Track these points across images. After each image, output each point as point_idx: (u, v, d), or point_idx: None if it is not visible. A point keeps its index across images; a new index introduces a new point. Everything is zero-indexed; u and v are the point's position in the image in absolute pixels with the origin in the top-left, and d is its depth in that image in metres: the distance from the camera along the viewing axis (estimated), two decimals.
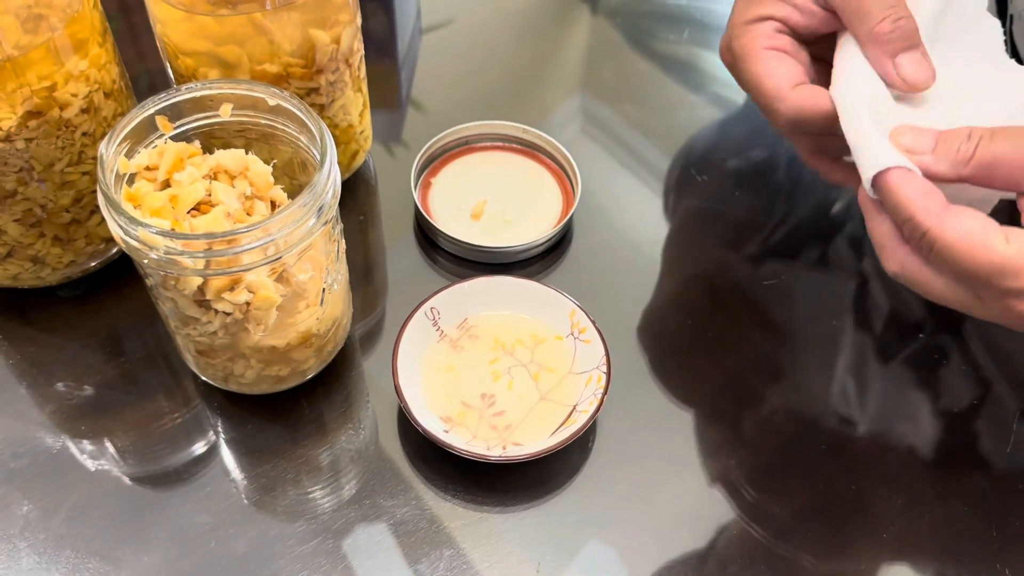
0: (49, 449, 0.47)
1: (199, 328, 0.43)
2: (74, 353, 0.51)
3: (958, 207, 0.37)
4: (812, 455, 0.49)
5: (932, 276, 0.39)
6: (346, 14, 0.50)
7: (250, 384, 0.47)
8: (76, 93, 0.45)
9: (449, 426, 0.47)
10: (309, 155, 0.45)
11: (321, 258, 0.44)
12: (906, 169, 0.38)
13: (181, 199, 0.42)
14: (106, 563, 0.44)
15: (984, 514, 0.47)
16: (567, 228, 0.58)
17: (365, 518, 0.46)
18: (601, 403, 0.47)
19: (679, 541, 0.45)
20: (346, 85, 0.53)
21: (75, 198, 0.49)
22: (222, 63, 0.48)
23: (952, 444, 0.50)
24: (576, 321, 0.50)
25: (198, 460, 0.48)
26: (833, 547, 0.46)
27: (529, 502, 0.46)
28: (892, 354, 0.53)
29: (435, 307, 0.50)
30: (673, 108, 0.68)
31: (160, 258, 0.39)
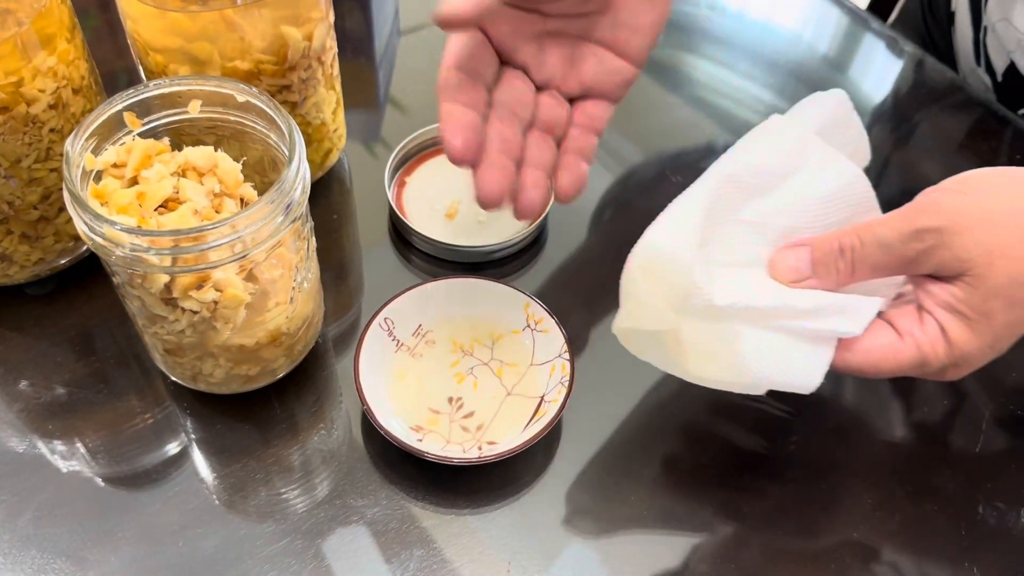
0: (15, 448, 0.47)
1: (166, 327, 0.43)
2: (43, 352, 0.51)
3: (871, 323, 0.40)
4: (783, 454, 0.49)
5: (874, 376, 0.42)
6: (318, 11, 0.50)
7: (219, 383, 0.47)
8: (43, 89, 0.45)
9: (421, 434, 0.47)
10: (279, 153, 0.44)
11: (290, 256, 0.44)
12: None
13: (148, 196, 0.41)
14: (73, 563, 0.43)
15: (953, 513, 0.47)
16: (542, 228, 0.58)
17: (335, 518, 0.45)
18: (570, 390, 0.47)
19: (649, 538, 0.45)
20: (319, 83, 0.53)
21: (43, 195, 0.48)
22: (193, 60, 0.48)
23: (922, 444, 0.50)
24: (531, 313, 0.50)
25: (167, 460, 0.47)
26: (804, 545, 0.46)
27: (499, 501, 0.46)
28: None
29: (388, 318, 0.50)
30: (649, 109, 0.68)
31: (126, 255, 0.38)
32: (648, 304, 0.41)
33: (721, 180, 0.43)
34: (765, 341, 0.40)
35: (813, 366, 0.40)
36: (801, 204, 0.43)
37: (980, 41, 0.71)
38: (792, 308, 0.40)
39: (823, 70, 0.74)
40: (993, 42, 0.70)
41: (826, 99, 0.46)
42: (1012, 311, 0.38)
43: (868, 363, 0.40)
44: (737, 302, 0.40)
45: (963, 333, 0.39)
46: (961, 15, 0.74)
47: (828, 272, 0.41)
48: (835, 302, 0.40)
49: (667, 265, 0.40)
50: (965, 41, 0.74)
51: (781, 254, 0.42)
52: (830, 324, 0.40)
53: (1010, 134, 0.67)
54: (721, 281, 0.40)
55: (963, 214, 0.38)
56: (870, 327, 0.40)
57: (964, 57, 0.75)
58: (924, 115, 0.70)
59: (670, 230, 0.41)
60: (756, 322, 0.40)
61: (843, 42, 0.77)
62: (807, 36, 0.78)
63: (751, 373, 0.40)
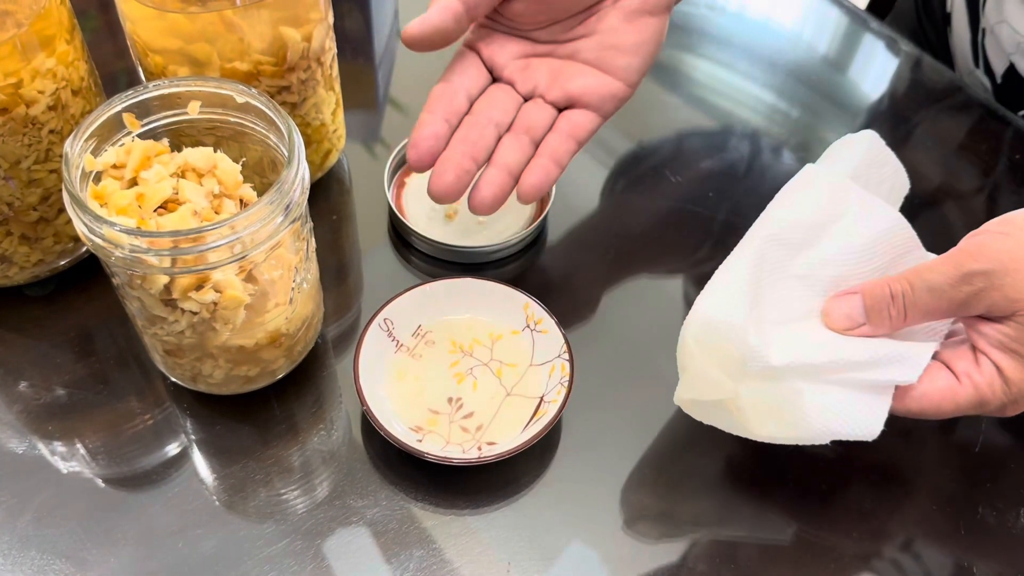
0: (15, 450, 0.47)
1: (166, 328, 0.43)
2: (43, 353, 0.51)
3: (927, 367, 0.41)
4: (782, 454, 0.49)
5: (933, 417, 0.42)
6: (317, 12, 0.50)
7: (219, 384, 0.47)
8: (43, 90, 0.45)
9: (421, 435, 0.47)
10: (278, 153, 0.44)
11: (290, 257, 0.44)
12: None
13: (148, 197, 0.41)
14: (72, 564, 0.43)
15: (953, 513, 0.47)
16: (541, 228, 0.58)
17: (335, 519, 0.45)
18: (569, 390, 0.47)
19: (648, 539, 0.46)
20: (318, 83, 0.53)
21: (43, 196, 0.48)
22: (192, 61, 0.48)
23: (921, 443, 0.50)
24: (531, 313, 0.50)
25: (167, 461, 0.47)
26: (802, 545, 0.46)
27: (499, 501, 0.46)
28: None
29: (388, 318, 0.50)
30: (648, 109, 0.68)
31: (126, 256, 0.38)
32: (706, 375, 0.43)
33: (764, 241, 0.44)
34: (825, 396, 0.41)
35: (874, 415, 0.41)
36: (846, 253, 0.43)
37: (978, 43, 0.71)
38: (848, 361, 0.41)
39: (822, 70, 0.74)
40: (992, 44, 0.70)
41: (857, 141, 0.47)
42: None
43: (929, 407, 0.41)
44: (794, 360, 0.41)
45: (1019, 371, 0.40)
46: (958, 16, 0.74)
47: (881, 318, 0.41)
48: (890, 352, 0.41)
49: (721, 334, 0.41)
50: (962, 43, 0.74)
51: (834, 303, 0.43)
52: (887, 374, 0.41)
53: (1010, 135, 0.67)
54: (776, 341, 0.41)
55: (1010, 255, 0.39)
56: (927, 371, 0.41)
57: (962, 58, 0.75)
58: (924, 115, 0.70)
59: (720, 298, 0.42)
60: (814, 377, 0.41)
61: (842, 42, 0.77)
62: (806, 36, 0.78)
63: (813, 428, 0.41)
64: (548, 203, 0.58)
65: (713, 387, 0.43)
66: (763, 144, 0.66)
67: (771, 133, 0.67)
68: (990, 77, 0.71)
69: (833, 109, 0.70)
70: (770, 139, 0.66)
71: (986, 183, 0.64)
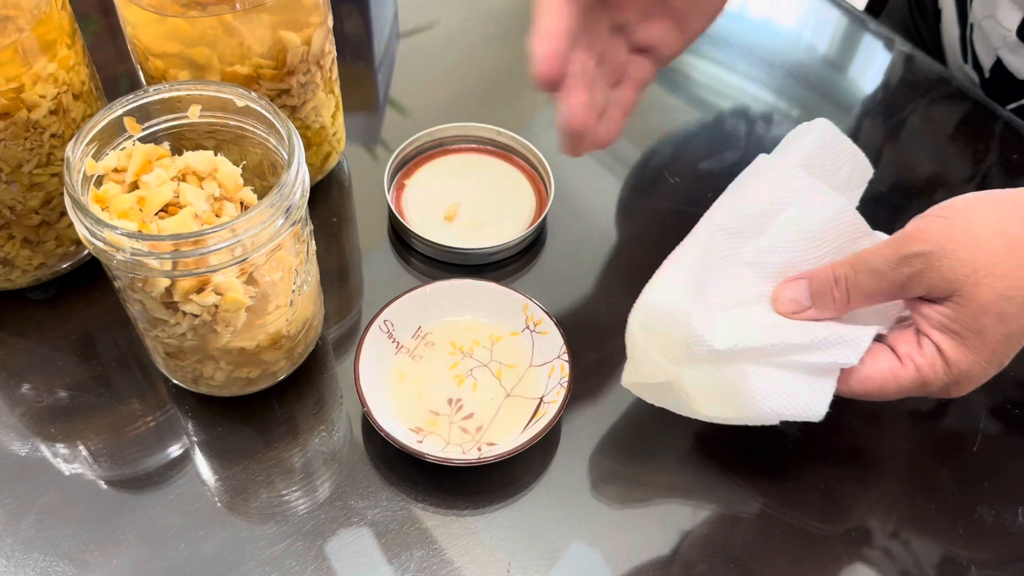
0: (17, 452, 0.47)
1: (167, 330, 0.43)
2: (45, 356, 0.51)
3: (867, 349, 0.42)
4: (780, 454, 0.49)
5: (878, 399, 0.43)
6: (317, 16, 0.50)
7: (220, 386, 0.47)
8: (44, 95, 0.45)
9: (421, 436, 0.47)
10: (279, 156, 0.45)
11: (290, 259, 0.44)
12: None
13: (149, 201, 0.41)
14: (75, 566, 0.44)
15: (951, 512, 0.47)
16: (540, 229, 0.59)
17: (336, 520, 0.46)
18: (569, 391, 0.47)
19: (647, 539, 0.46)
20: (318, 87, 0.53)
21: (44, 200, 0.48)
22: (192, 65, 0.48)
23: (920, 442, 0.50)
24: (530, 315, 0.51)
25: (169, 463, 0.47)
26: (801, 545, 0.46)
27: (499, 502, 0.46)
28: None
29: (388, 320, 0.50)
30: (648, 111, 0.68)
31: (127, 260, 0.39)
32: (650, 359, 0.44)
33: (712, 230, 0.45)
34: (770, 379, 0.42)
35: (818, 397, 0.42)
36: (794, 239, 0.44)
37: (967, 38, 0.71)
38: (791, 344, 0.42)
39: (822, 70, 0.74)
40: (979, 39, 0.70)
41: (809, 130, 0.48)
42: (1004, 325, 0.39)
43: (872, 388, 0.42)
44: (737, 344, 0.42)
45: (959, 352, 0.40)
46: (947, 12, 0.74)
47: (825, 301, 0.42)
48: (832, 334, 0.41)
49: (664, 321, 0.43)
50: (952, 38, 0.74)
51: (781, 288, 0.44)
52: (829, 357, 0.41)
53: (1000, 127, 0.67)
54: (721, 325, 0.42)
55: (948, 237, 0.40)
56: (871, 353, 0.42)
57: (951, 53, 0.75)
58: (915, 108, 0.70)
59: (665, 286, 0.44)
60: (759, 360, 0.42)
61: (841, 43, 0.78)
62: (806, 36, 0.78)
63: (760, 409, 0.42)
64: (547, 205, 0.58)
65: (656, 371, 0.44)
66: (762, 145, 0.66)
67: (770, 134, 0.67)
68: (978, 72, 0.71)
69: (832, 109, 0.70)
70: (769, 140, 0.66)
71: (976, 173, 0.65)
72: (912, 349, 0.41)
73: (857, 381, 0.42)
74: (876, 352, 0.42)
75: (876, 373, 0.42)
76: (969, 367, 0.40)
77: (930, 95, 0.71)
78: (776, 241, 0.44)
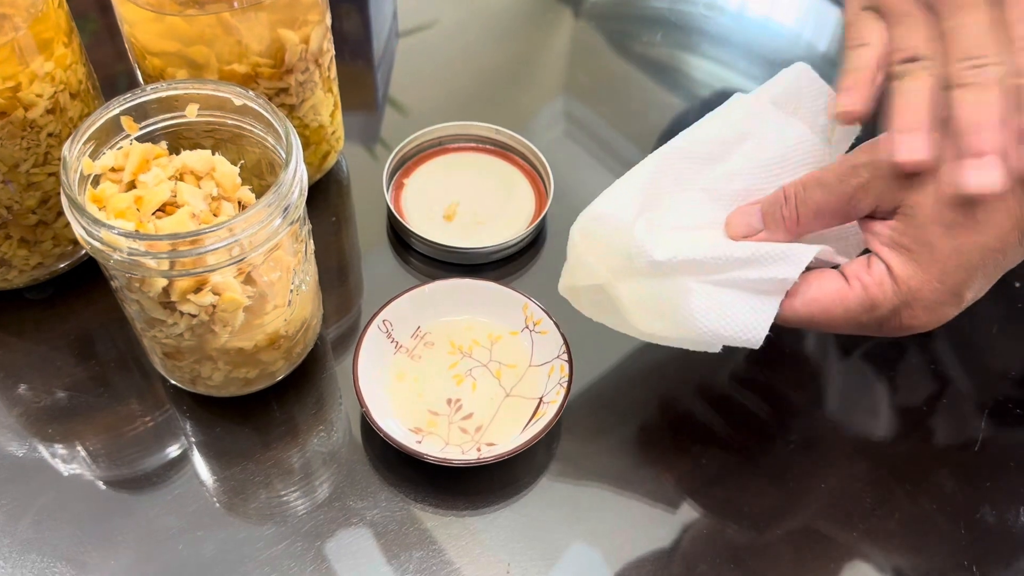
0: (15, 453, 0.47)
1: (165, 330, 0.43)
2: (43, 356, 0.51)
3: (814, 274, 0.40)
4: (782, 453, 0.49)
5: (827, 327, 0.41)
6: (315, 14, 0.50)
7: (218, 386, 0.47)
8: (41, 94, 0.45)
9: (420, 436, 0.47)
10: (276, 155, 0.44)
11: (288, 259, 0.44)
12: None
13: (146, 200, 0.41)
14: (73, 567, 0.43)
15: (952, 512, 0.47)
16: (540, 229, 0.58)
17: (335, 521, 0.45)
18: (568, 391, 0.47)
19: (648, 539, 0.45)
20: (316, 85, 0.53)
21: (41, 199, 0.48)
22: (190, 63, 0.48)
23: (921, 443, 0.50)
24: (530, 314, 0.50)
25: (167, 463, 0.47)
26: (802, 546, 0.46)
27: (499, 502, 0.46)
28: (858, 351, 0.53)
29: (387, 319, 0.50)
30: (647, 109, 0.68)
31: (124, 259, 0.38)
32: (585, 263, 0.43)
33: (671, 152, 0.44)
34: (710, 296, 0.40)
35: (759, 318, 0.40)
36: (753, 167, 0.43)
37: None
38: (731, 258, 0.40)
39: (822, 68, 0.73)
40: None
41: (787, 72, 0.47)
42: (952, 238, 0.37)
43: (817, 310, 0.40)
44: (676, 255, 0.40)
45: (907, 267, 0.38)
46: None
47: (775, 221, 0.41)
48: (773, 250, 0.40)
49: (607, 229, 0.42)
50: None
51: (736, 212, 0.42)
52: (769, 271, 0.40)
53: None
54: (665, 240, 0.41)
55: None
56: (818, 275, 0.40)
57: None
58: None
59: (611, 198, 0.43)
60: (699, 275, 0.40)
61: (841, 41, 0.77)
62: (806, 35, 0.78)
63: (699, 327, 0.40)
64: (547, 204, 0.58)
65: (589, 274, 0.43)
66: None
67: None
68: None
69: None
70: None
71: None
72: (860, 269, 0.39)
73: (802, 303, 0.40)
74: (823, 274, 0.40)
75: (821, 294, 0.40)
76: (919, 285, 0.38)
77: None
78: (735, 168, 0.43)
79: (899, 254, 0.38)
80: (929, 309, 0.39)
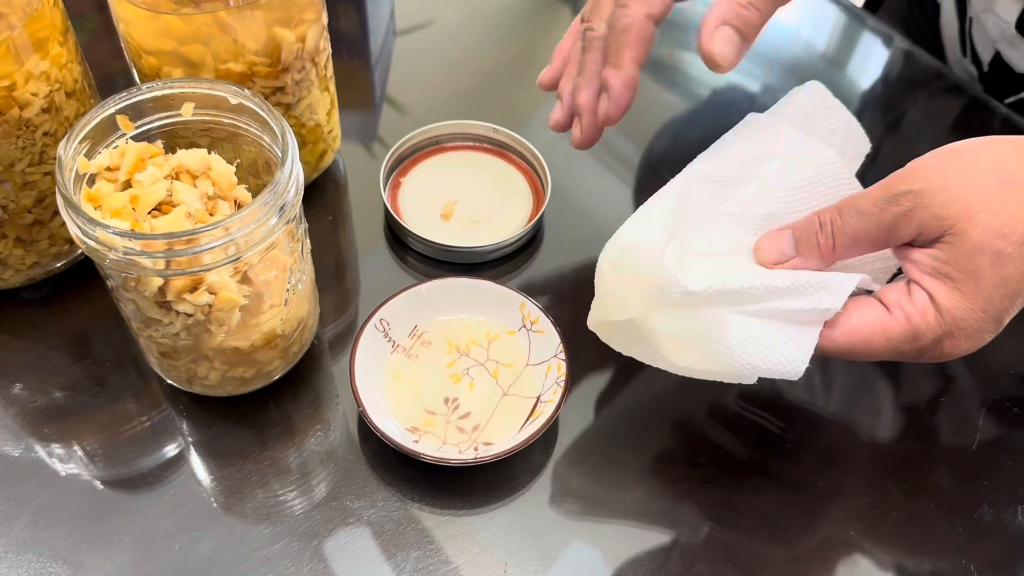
0: (11, 453, 0.47)
1: (161, 330, 0.43)
2: (39, 356, 0.51)
3: (853, 302, 0.39)
4: (780, 453, 0.49)
5: (867, 357, 0.40)
6: (312, 12, 0.50)
7: (215, 386, 0.47)
8: (36, 92, 0.45)
9: (417, 435, 0.47)
10: (273, 154, 0.44)
11: (284, 258, 0.43)
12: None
13: (142, 200, 0.41)
14: (69, 567, 0.43)
15: (950, 511, 0.47)
16: (538, 227, 0.58)
17: (331, 520, 0.45)
18: (566, 390, 0.47)
19: (645, 539, 0.45)
20: (312, 84, 0.53)
21: (37, 199, 0.48)
22: (186, 62, 0.48)
23: (918, 442, 0.50)
24: (527, 313, 0.50)
25: (164, 463, 0.47)
26: (800, 545, 0.46)
27: (496, 501, 0.46)
28: None
29: (384, 319, 0.50)
30: (646, 108, 0.68)
31: (119, 259, 0.38)
32: (615, 294, 0.42)
33: (693, 177, 0.43)
34: (747, 327, 0.39)
35: (798, 350, 0.39)
36: (778, 190, 0.43)
37: (966, 32, 0.71)
38: (770, 288, 0.39)
39: (821, 67, 0.73)
40: (978, 33, 0.69)
41: (800, 91, 0.47)
42: (1000, 267, 0.37)
43: (858, 341, 0.39)
44: (712, 285, 0.39)
45: (952, 297, 0.37)
46: (946, 6, 0.74)
47: (810, 248, 0.40)
48: (813, 279, 0.39)
49: (637, 259, 0.40)
50: (951, 32, 0.74)
51: (766, 238, 0.41)
52: (811, 302, 0.39)
53: (998, 123, 0.67)
54: (697, 268, 0.40)
55: (939, 174, 0.38)
56: (858, 304, 0.39)
57: (951, 47, 0.75)
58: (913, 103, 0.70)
59: (639, 226, 0.41)
60: (735, 306, 0.39)
61: (840, 40, 0.77)
62: (804, 34, 0.77)
63: (735, 360, 0.39)
64: (544, 202, 0.57)
65: (622, 307, 0.42)
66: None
67: None
68: (977, 66, 0.71)
69: None
70: None
71: None
72: (902, 297, 0.38)
73: (842, 333, 0.39)
74: (863, 303, 0.39)
75: (863, 324, 0.39)
76: (963, 315, 0.37)
77: (928, 90, 0.71)
78: (760, 192, 0.43)
79: (943, 283, 0.38)
80: (970, 337, 0.38)
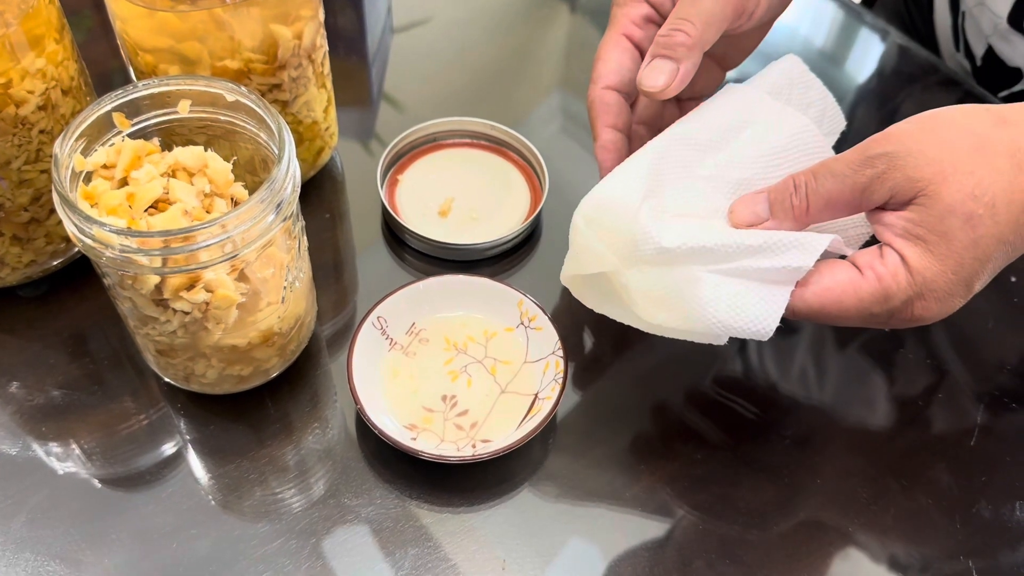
0: (8, 451, 0.47)
1: (158, 328, 0.43)
2: (36, 354, 0.51)
3: (825, 264, 0.40)
4: (779, 450, 0.49)
5: (838, 319, 0.40)
6: (308, 9, 0.50)
7: (212, 384, 0.47)
8: (32, 90, 0.45)
9: (415, 433, 0.47)
10: (269, 152, 0.44)
11: (282, 255, 0.43)
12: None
13: (138, 197, 0.41)
14: (67, 565, 0.43)
15: (948, 507, 0.47)
16: (535, 225, 0.58)
17: (330, 518, 0.45)
18: (563, 387, 0.47)
19: (644, 535, 0.45)
20: (309, 81, 0.53)
21: (33, 197, 0.48)
22: (183, 59, 0.48)
23: (917, 438, 0.50)
24: (525, 310, 0.50)
25: (161, 461, 0.47)
26: (798, 541, 0.46)
27: (494, 499, 0.46)
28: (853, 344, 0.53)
29: (382, 316, 0.49)
30: None
31: (116, 257, 0.38)
32: (588, 247, 0.42)
33: (671, 139, 0.43)
34: (719, 285, 0.40)
35: (769, 308, 0.39)
36: (754, 157, 0.43)
37: (959, 26, 0.71)
38: (742, 246, 0.39)
39: (820, 64, 0.73)
40: (971, 27, 0.69)
41: (778, 64, 0.47)
42: (971, 229, 0.37)
43: (829, 301, 0.39)
44: (686, 242, 0.39)
45: (923, 258, 0.38)
46: (940, 1, 0.74)
47: (784, 211, 0.40)
48: (786, 238, 0.39)
49: (612, 215, 0.41)
50: (944, 26, 0.74)
51: (740, 201, 0.42)
52: (782, 260, 0.39)
53: None
54: (672, 226, 0.40)
55: (913, 137, 0.38)
56: (829, 265, 0.40)
57: (944, 42, 0.75)
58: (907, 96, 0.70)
59: (615, 183, 0.42)
60: (708, 263, 0.40)
61: (838, 37, 0.77)
62: (803, 30, 0.77)
63: (707, 318, 0.40)
64: (542, 199, 0.57)
65: (596, 261, 0.42)
66: None
67: None
68: (970, 60, 0.71)
69: None
70: None
71: None
72: (874, 259, 0.39)
73: (813, 293, 0.39)
74: (834, 264, 0.40)
75: (834, 284, 0.39)
76: (934, 276, 0.38)
77: (922, 84, 0.71)
78: (735, 157, 0.43)
79: (914, 245, 0.38)
80: (941, 300, 0.38)
